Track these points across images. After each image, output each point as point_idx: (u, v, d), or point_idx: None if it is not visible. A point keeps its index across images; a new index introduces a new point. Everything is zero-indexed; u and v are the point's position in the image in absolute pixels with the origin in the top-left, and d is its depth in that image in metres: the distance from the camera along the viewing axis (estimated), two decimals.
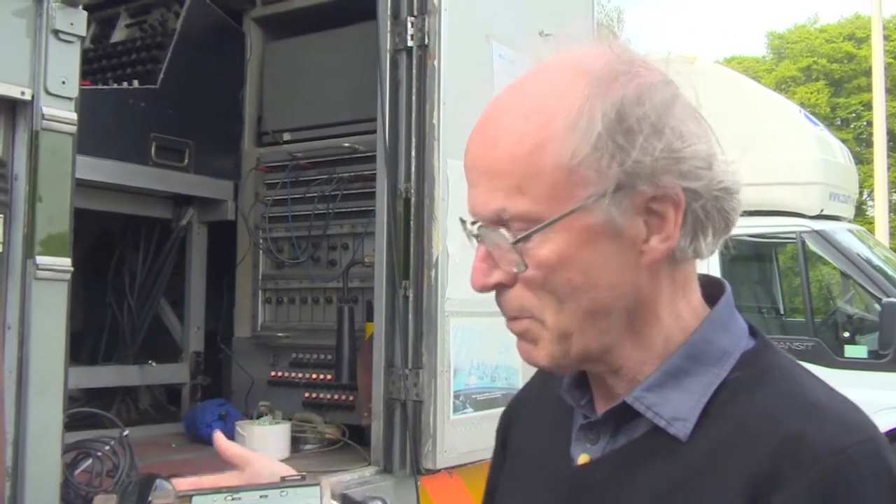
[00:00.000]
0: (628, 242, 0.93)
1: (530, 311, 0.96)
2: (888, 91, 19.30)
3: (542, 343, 0.97)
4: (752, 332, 1.02)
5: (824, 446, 0.87)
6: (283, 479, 1.27)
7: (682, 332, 0.98)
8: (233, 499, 1.21)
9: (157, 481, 1.61)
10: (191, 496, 1.22)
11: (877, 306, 6.90)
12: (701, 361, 0.97)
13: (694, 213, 0.93)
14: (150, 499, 1.19)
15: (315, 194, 3.49)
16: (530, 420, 1.18)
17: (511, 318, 0.99)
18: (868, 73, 22.00)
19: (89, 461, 2.33)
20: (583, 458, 1.02)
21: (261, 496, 1.21)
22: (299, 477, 1.29)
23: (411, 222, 2.86)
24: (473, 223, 0.98)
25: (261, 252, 3.66)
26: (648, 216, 0.93)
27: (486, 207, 0.95)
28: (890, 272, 7.32)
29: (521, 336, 0.99)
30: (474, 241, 0.99)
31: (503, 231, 0.93)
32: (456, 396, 2.83)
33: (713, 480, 0.90)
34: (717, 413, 0.94)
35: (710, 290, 1.03)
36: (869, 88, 21.52)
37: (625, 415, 0.99)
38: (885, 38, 20.31)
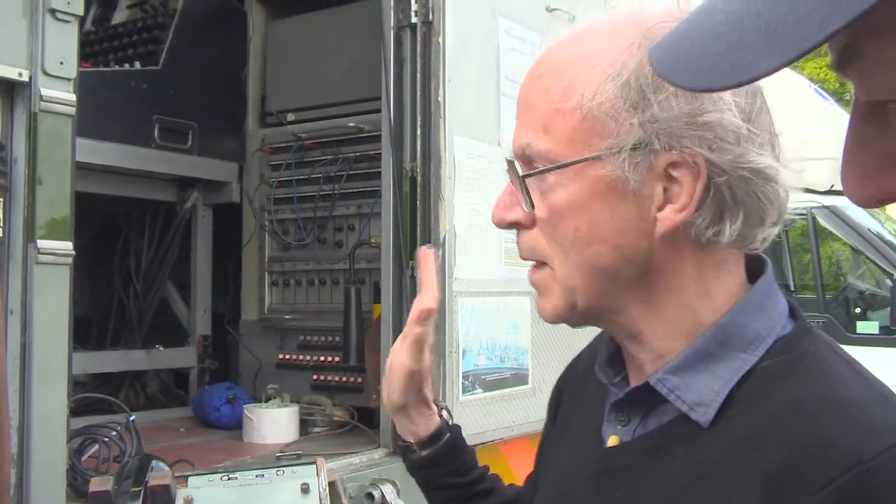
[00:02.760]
0: (641, 205, 0.91)
1: (541, 256, 0.96)
2: None
3: (550, 295, 0.97)
4: (794, 315, 0.97)
5: (852, 452, 0.81)
6: (278, 457, 1.25)
7: (713, 314, 0.94)
8: (229, 478, 1.19)
9: (154, 462, 1.58)
10: (187, 476, 1.20)
11: (888, 282, 6.86)
12: (730, 345, 0.93)
13: (718, 190, 0.89)
14: (146, 479, 1.17)
15: (320, 175, 3.46)
16: (576, 393, 1.17)
17: (531, 268, 0.99)
18: None
19: (96, 447, 2.31)
20: (612, 440, 1.00)
21: (257, 475, 1.19)
22: (295, 456, 1.27)
23: (418, 202, 2.82)
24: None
25: (266, 234, 3.63)
26: (667, 182, 0.90)
27: (516, 142, 0.96)
28: None
29: (535, 287, 0.99)
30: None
31: (518, 164, 0.95)
32: (465, 377, 2.80)
33: (733, 473, 0.87)
34: (744, 401, 0.90)
35: (755, 269, 0.99)
36: None
37: (652, 397, 0.96)
38: None
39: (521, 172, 0.95)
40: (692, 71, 0.50)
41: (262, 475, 1.22)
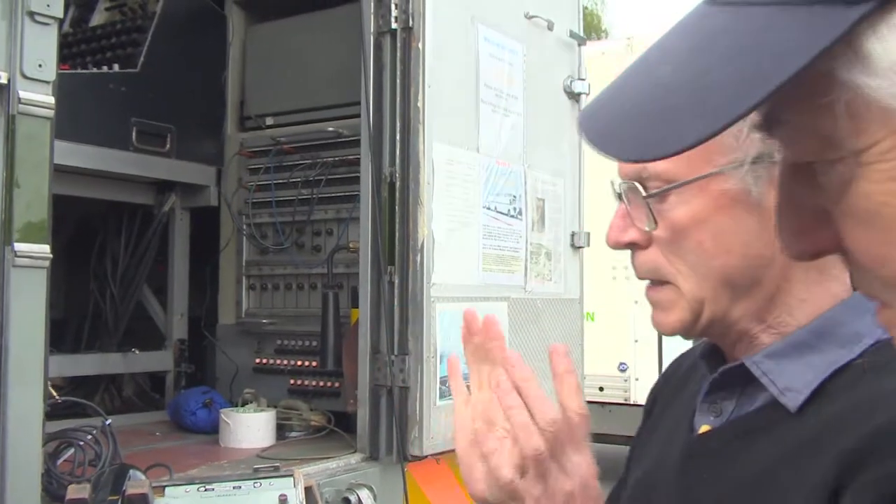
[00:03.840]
0: (765, 215, 0.92)
1: (664, 275, 0.98)
2: None
3: (675, 310, 0.98)
4: None
5: None
6: (255, 469, 1.25)
7: (815, 311, 0.96)
8: (206, 489, 1.19)
9: (131, 471, 1.58)
10: (164, 487, 1.20)
11: None
12: (828, 340, 0.94)
13: None
14: (123, 488, 1.17)
15: (299, 179, 3.45)
16: (670, 397, 1.19)
17: (651, 286, 1.00)
18: None
19: (71, 450, 2.30)
20: (704, 428, 1.02)
21: (234, 487, 1.19)
22: (272, 468, 1.27)
23: (396, 207, 2.83)
24: (621, 183, 1.00)
25: (244, 238, 3.62)
26: None
27: (629, 165, 0.97)
28: None
29: (657, 305, 1.00)
30: (618, 200, 1.01)
31: (638, 186, 0.96)
32: (442, 382, 2.81)
33: (813, 453, 0.88)
34: (835, 393, 0.92)
35: None
36: None
37: (744, 382, 0.98)
38: None
39: (641, 191, 0.96)
40: (629, 143, 0.51)
41: (240, 486, 1.22)
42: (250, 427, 3.02)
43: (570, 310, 3.53)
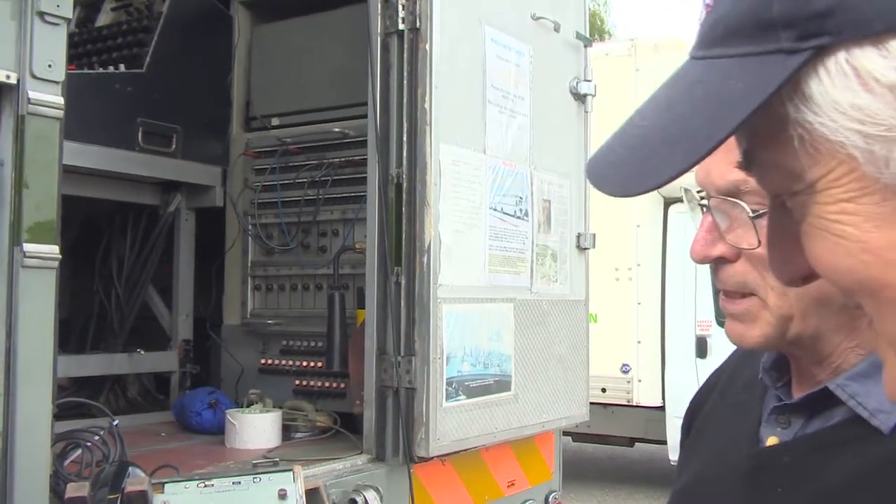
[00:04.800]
0: None
1: (753, 288, 0.95)
2: None
3: (758, 323, 0.96)
4: None
5: None
6: (255, 465, 1.25)
7: None
8: (205, 485, 1.19)
9: (131, 469, 1.58)
10: (163, 483, 1.20)
11: None
12: None
13: None
14: (123, 486, 1.17)
15: (305, 180, 3.45)
16: (717, 401, 1.17)
17: (729, 297, 0.98)
18: None
19: (79, 451, 2.30)
20: (772, 440, 1.00)
21: (233, 482, 1.19)
22: (271, 463, 1.27)
23: (403, 208, 2.83)
24: (700, 192, 0.97)
25: (250, 238, 3.62)
26: None
27: (724, 178, 0.93)
28: None
29: (738, 317, 0.98)
30: (699, 211, 0.98)
31: (742, 204, 0.92)
32: (449, 384, 2.81)
33: None
34: None
35: None
36: None
37: (823, 402, 0.96)
38: None
39: (748, 212, 0.92)
40: (618, 181, 0.59)
41: (239, 482, 1.22)
42: (256, 428, 3.01)
43: (576, 311, 3.53)
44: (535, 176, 3.28)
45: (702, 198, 0.97)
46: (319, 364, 3.30)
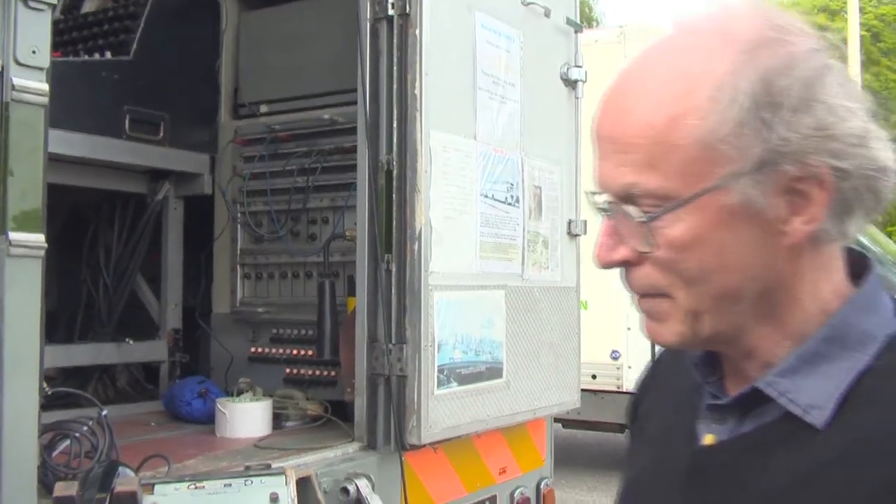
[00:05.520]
0: (767, 224, 0.88)
1: (661, 290, 0.92)
2: (862, 65, 19.33)
3: (670, 322, 0.93)
4: None
5: None
6: (247, 467, 1.23)
7: (821, 315, 0.92)
8: (196, 487, 1.17)
9: (120, 468, 1.56)
10: (153, 484, 1.18)
11: None
12: (840, 345, 0.90)
13: (842, 194, 0.87)
14: (112, 485, 1.15)
15: (294, 167, 3.43)
16: (660, 393, 1.15)
17: (640, 296, 0.95)
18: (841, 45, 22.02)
19: (67, 442, 2.27)
20: (709, 439, 0.98)
21: (224, 484, 1.17)
22: (264, 465, 1.25)
23: (393, 195, 2.81)
24: (599, 194, 0.94)
25: (239, 227, 3.59)
26: (791, 196, 0.87)
27: (615, 182, 0.91)
28: (866, 244, 7.35)
29: (649, 314, 0.95)
30: (600, 214, 0.95)
31: (632, 209, 0.90)
32: (440, 371, 2.79)
33: (847, 477, 0.85)
34: (858, 403, 0.88)
35: (854, 267, 0.97)
36: (842, 60, 21.53)
37: (755, 399, 0.94)
38: (861, 10, 20.33)
39: (639, 216, 0.89)
40: None
41: (230, 484, 1.20)
42: (246, 417, 3.00)
43: (567, 298, 3.51)
44: (526, 162, 3.26)
45: (601, 201, 0.94)
46: (310, 352, 3.28)
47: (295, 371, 3.34)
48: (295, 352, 3.36)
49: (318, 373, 3.27)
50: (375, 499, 2.53)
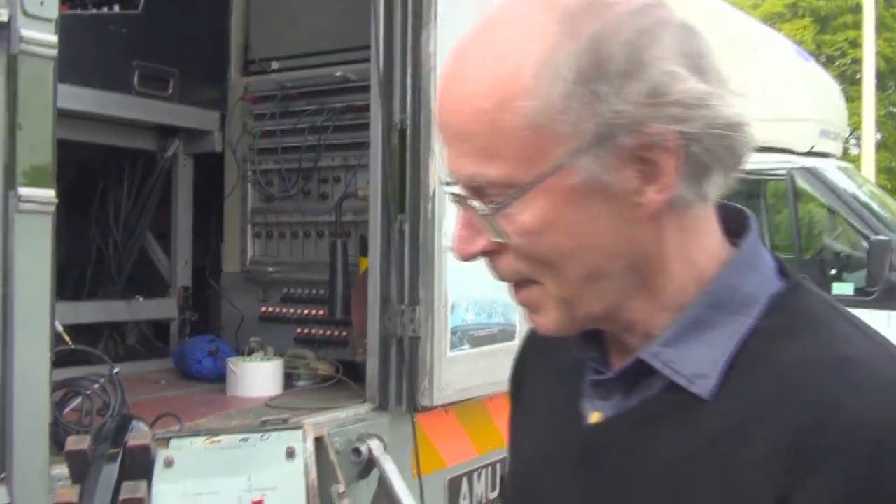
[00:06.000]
0: (619, 198, 0.83)
1: (526, 276, 0.88)
2: (877, 28, 19.07)
3: (545, 310, 0.90)
4: (782, 272, 0.92)
5: (862, 418, 0.77)
6: (263, 421, 1.21)
7: (698, 280, 0.89)
8: (211, 441, 1.15)
9: (134, 423, 1.54)
10: (168, 438, 1.15)
11: (864, 244, 6.89)
12: (723, 310, 0.87)
13: (694, 157, 0.83)
14: (125, 440, 1.13)
15: (305, 125, 3.38)
16: (541, 366, 1.10)
17: (514, 287, 0.91)
18: (855, 10, 21.73)
19: (79, 399, 2.26)
20: (595, 417, 0.95)
21: (241, 439, 1.15)
22: (281, 420, 1.23)
23: (407, 154, 2.76)
24: (452, 184, 0.90)
25: (249, 185, 3.56)
26: (640, 166, 0.83)
27: (460, 172, 0.86)
28: (877, 210, 7.30)
29: (527, 307, 0.92)
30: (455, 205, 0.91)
31: (476, 202, 0.85)
32: (453, 333, 2.77)
33: (736, 446, 0.82)
34: (744, 368, 0.85)
35: (734, 224, 0.93)
36: (855, 26, 21.30)
37: (640, 371, 0.90)
38: None
39: (479, 206, 0.85)
40: None
41: (247, 439, 1.18)
42: (257, 376, 2.98)
43: None
44: None
45: (454, 191, 0.90)
46: (321, 312, 3.25)
47: (306, 331, 3.31)
48: (306, 312, 3.33)
49: (329, 333, 3.25)
50: (387, 459, 2.51)
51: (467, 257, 0.89)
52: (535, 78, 0.80)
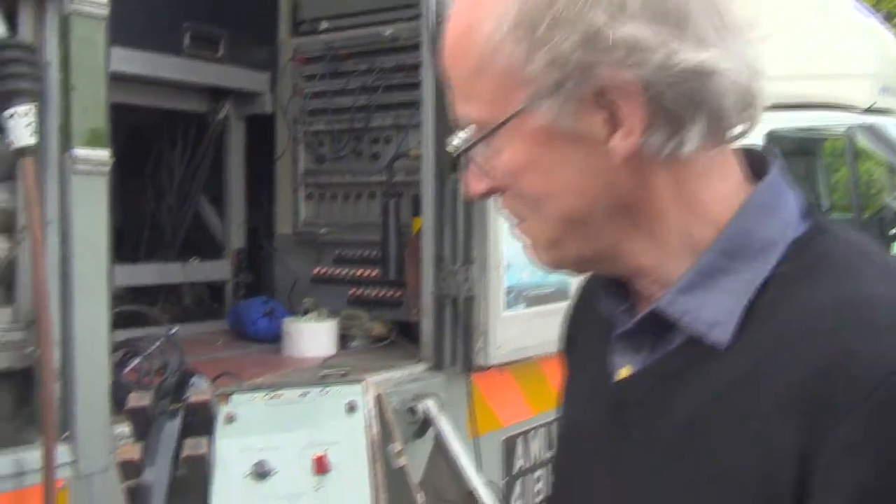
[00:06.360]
0: (587, 143, 0.85)
1: (518, 215, 0.93)
2: None
3: (537, 247, 0.93)
4: (807, 214, 0.89)
5: (883, 364, 0.74)
6: (323, 376, 1.20)
7: (712, 225, 0.87)
8: (272, 396, 1.14)
9: (194, 378, 1.54)
10: (228, 394, 1.15)
11: None
12: (740, 256, 0.85)
13: (656, 103, 0.81)
14: (186, 396, 1.12)
15: (356, 86, 3.35)
16: (588, 322, 1.09)
17: (513, 225, 0.96)
18: None
19: (138, 359, 2.28)
20: (623, 372, 0.94)
21: (301, 394, 1.14)
22: (340, 374, 1.21)
23: None
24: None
25: (300, 147, 3.55)
26: (604, 111, 0.83)
27: (455, 114, 0.91)
28: None
29: (524, 242, 0.95)
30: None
31: (456, 140, 0.91)
32: (508, 292, 2.75)
33: (751, 395, 0.80)
34: (762, 315, 0.83)
35: (758, 166, 0.91)
36: None
37: (661, 324, 0.88)
38: None
39: (460, 146, 0.91)
40: None
41: (306, 394, 1.17)
42: (312, 336, 2.99)
43: None
44: None
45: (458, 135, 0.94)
46: (374, 273, 3.25)
47: (359, 292, 3.31)
48: (359, 272, 3.33)
49: (382, 294, 3.24)
50: (443, 419, 2.51)
51: (473, 197, 0.95)
52: (492, 26, 0.84)
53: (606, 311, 0.98)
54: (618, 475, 0.92)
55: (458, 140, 0.91)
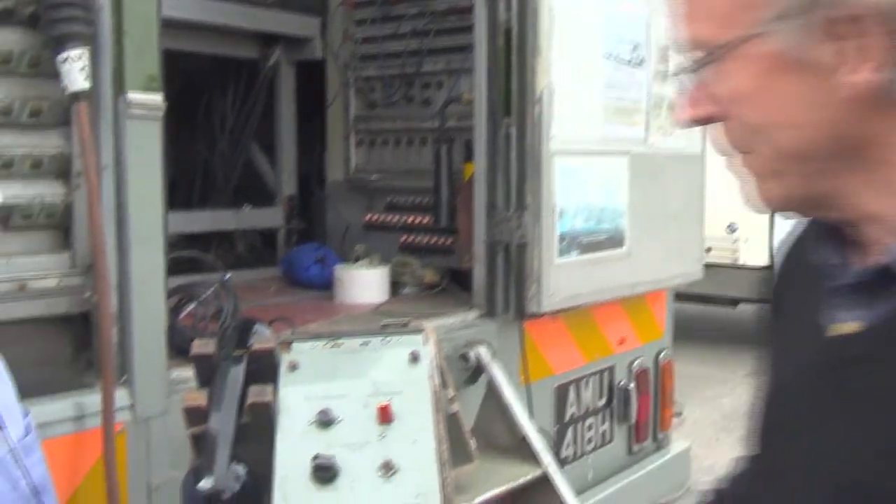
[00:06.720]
0: (816, 74, 0.80)
1: (741, 145, 0.88)
2: None
3: (760, 180, 0.88)
4: None
5: None
6: (384, 325, 1.18)
7: None
8: (333, 345, 1.13)
9: (256, 326, 1.55)
10: (290, 342, 1.14)
11: None
12: None
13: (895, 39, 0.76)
14: (249, 343, 1.12)
15: (407, 30, 3.30)
16: (799, 277, 1.04)
17: (741, 155, 0.90)
18: None
19: (193, 305, 2.29)
20: (836, 328, 0.88)
21: (361, 343, 1.13)
22: (401, 324, 1.20)
23: (513, 57, 2.67)
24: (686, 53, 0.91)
25: (352, 92, 3.52)
26: (838, 43, 0.78)
27: (682, 36, 0.88)
28: None
29: (744, 177, 0.90)
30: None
31: (686, 61, 0.88)
32: (561, 239, 2.71)
33: None
34: None
35: None
36: None
37: (890, 276, 0.82)
38: None
39: (690, 67, 0.87)
40: None
41: (368, 342, 1.16)
42: (364, 283, 2.99)
43: (692, 166, 3.35)
44: (653, 20, 3.05)
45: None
46: (426, 220, 3.23)
47: (411, 238, 3.30)
48: (411, 219, 3.31)
49: (434, 240, 3.22)
50: (495, 366, 2.50)
51: (690, 122, 0.91)
52: None
53: (824, 261, 0.92)
54: (831, 433, 0.87)
55: (685, 61, 0.88)
